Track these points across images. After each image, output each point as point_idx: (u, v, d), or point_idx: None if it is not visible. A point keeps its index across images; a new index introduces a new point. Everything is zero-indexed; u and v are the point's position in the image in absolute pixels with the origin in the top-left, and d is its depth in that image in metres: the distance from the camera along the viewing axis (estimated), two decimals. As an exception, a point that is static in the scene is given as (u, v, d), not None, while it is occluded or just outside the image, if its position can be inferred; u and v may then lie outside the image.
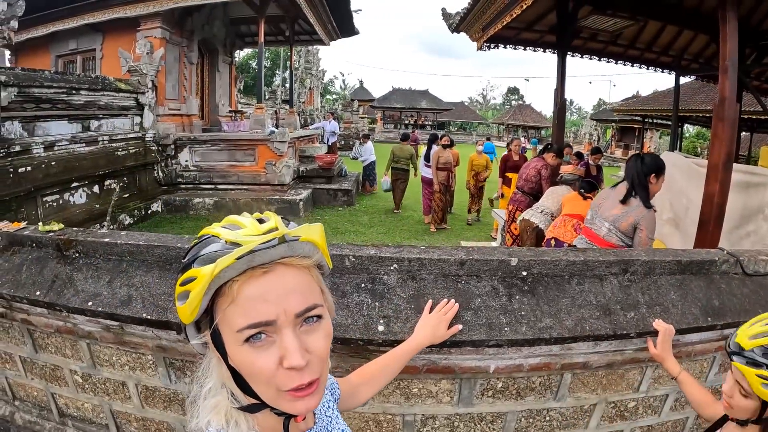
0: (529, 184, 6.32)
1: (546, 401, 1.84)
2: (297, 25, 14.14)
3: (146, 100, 9.84)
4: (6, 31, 6.26)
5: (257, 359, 0.67)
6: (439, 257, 1.67)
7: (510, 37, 7.32)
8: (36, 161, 7.07)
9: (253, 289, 0.67)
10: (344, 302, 1.68)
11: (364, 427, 1.94)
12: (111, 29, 11.03)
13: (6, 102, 6.47)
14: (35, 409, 2.74)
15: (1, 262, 2.51)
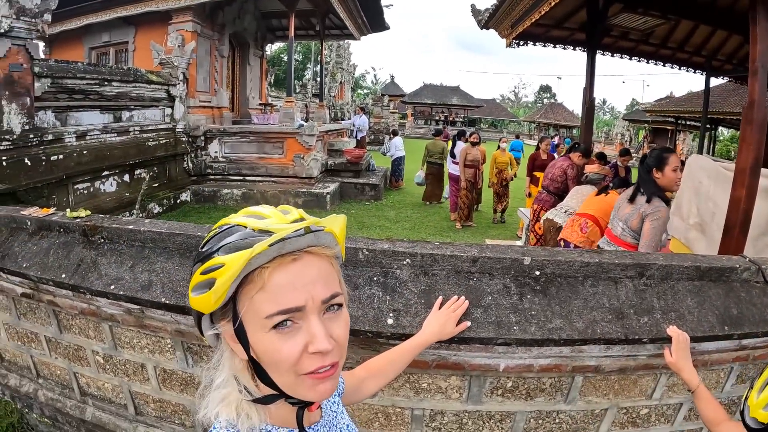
0: (554, 183, 6.24)
1: (556, 403, 1.83)
2: (328, 19, 14.19)
3: (177, 92, 10.03)
4: (40, 23, 6.42)
5: (284, 345, 0.69)
6: (452, 253, 1.67)
7: (539, 35, 7.24)
8: (68, 150, 7.27)
9: (282, 276, 0.69)
10: (356, 294, 1.70)
11: (373, 419, 1.96)
12: (143, 22, 11.26)
13: (40, 92, 6.67)
14: (58, 387, 2.84)
15: (29, 246, 2.61)
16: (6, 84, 6.20)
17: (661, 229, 2.95)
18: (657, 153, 3.11)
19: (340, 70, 26.30)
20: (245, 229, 0.70)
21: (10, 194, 6.21)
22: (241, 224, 0.72)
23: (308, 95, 22.89)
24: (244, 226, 0.71)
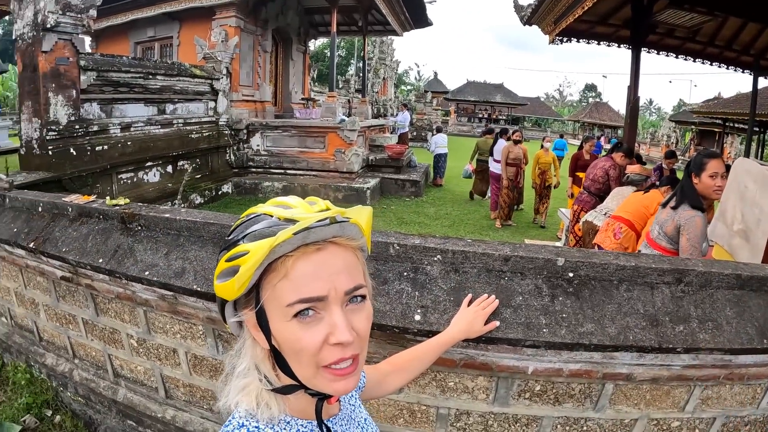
0: (596, 184, 6.07)
1: (585, 410, 1.79)
2: (370, 15, 14.23)
3: (220, 85, 10.25)
4: (85, 18, 6.64)
5: (304, 335, 0.69)
6: (484, 251, 1.65)
7: (583, 31, 7.11)
8: (113, 141, 7.52)
9: (306, 265, 0.69)
10: (384, 289, 1.70)
11: (397, 415, 1.95)
12: (187, 18, 11.55)
13: (85, 85, 6.91)
14: (92, 368, 2.93)
15: (70, 231, 2.71)
16: (52, 77, 6.44)
17: (698, 240, 2.84)
18: (697, 157, 3.00)
19: (384, 66, 26.28)
20: (271, 218, 0.71)
21: (56, 182, 6.45)
22: (267, 213, 0.72)
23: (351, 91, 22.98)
24: (270, 215, 0.71)
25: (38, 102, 6.42)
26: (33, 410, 3.17)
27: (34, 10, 6.18)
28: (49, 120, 6.41)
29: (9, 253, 3.16)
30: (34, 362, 3.32)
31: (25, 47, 6.42)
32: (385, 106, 23.31)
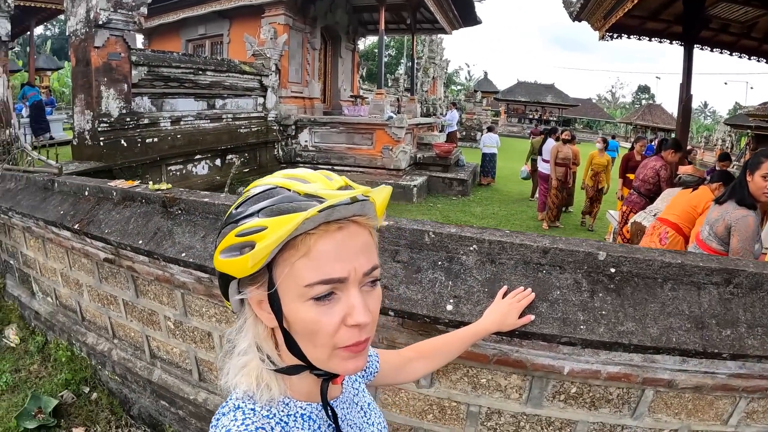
0: (645, 185, 5.85)
1: (622, 417, 1.71)
2: (419, 13, 14.30)
3: (269, 82, 10.51)
4: (136, 15, 6.93)
5: (322, 316, 0.67)
6: (522, 242, 1.61)
7: (634, 27, 6.93)
8: (163, 134, 7.79)
9: (328, 245, 0.66)
10: (417, 278, 1.68)
11: (427, 410, 1.93)
12: (237, 16, 11.95)
13: (137, 79, 7.19)
14: (130, 348, 3.04)
15: (113, 214, 2.82)
16: (105, 71, 6.72)
17: (749, 241, 2.69)
18: (756, 155, 2.85)
19: (433, 65, 26.25)
20: (288, 191, 0.67)
21: (106, 172, 6.72)
22: (283, 186, 0.68)
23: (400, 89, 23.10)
24: (287, 189, 0.68)
25: (90, 95, 6.71)
26: (71, 386, 3.30)
27: (87, 7, 6.48)
28: (100, 112, 6.69)
29: (56, 234, 3.31)
30: (75, 341, 3.46)
31: (78, 43, 6.73)
32: (434, 105, 23.32)
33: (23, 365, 3.68)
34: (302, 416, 0.76)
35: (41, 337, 3.88)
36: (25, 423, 3.05)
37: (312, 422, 0.77)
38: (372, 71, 25.42)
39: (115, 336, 3.14)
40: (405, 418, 1.99)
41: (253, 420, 0.69)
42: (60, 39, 41.06)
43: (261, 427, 0.69)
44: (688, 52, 6.41)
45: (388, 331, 1.83)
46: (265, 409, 0.72)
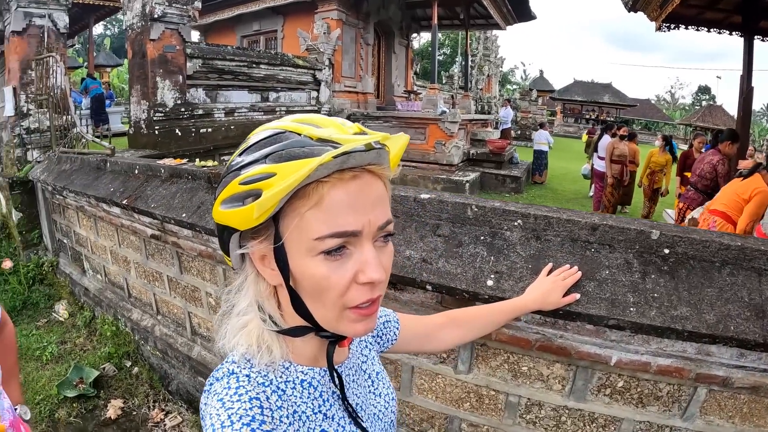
0: (703, 180, 5.58)
1: (671, 417, 1.61)
2: (472, 8, 14.27)
3: (323, 76, 10.71)
4: (191, 9, 7.21)
5: (333, 272, 0.62)
6: (569, 218, 1.55)
7: (691, 17, 6.67)
8: (216, 124, 8.06)
9: (342, 194, 0.61)
10: (458, 252, 1.64)
11: (464, 398, 1.89)
12: (291, 12, 12.29)
13: (191, 71, 7.46)
14: (173, 324, 3.13)
15: (160, 190, 2.91)
16: (160, 63, 7.00)
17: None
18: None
19: (488, 63, 26.04)
20: (299, 136, 0.62)
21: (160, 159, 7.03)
22: (292, 130, 0.63)
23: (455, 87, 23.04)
24: (297, 133, 0.63)
25: (146, 86, 6.99)
26: (113, 360, 3.44)
27: (143, 2, 6.78)
28: (156, 102, 6.96)
29: (106, 212, 3.46)
30: (121, 316, 3.60)
31: (135, 36, 7.05)
32: (489, 103, 23.15)
33: (69, 338, 3.87)
34: (302, 382, 0.72)
35: (89, 312, 4.06)
36: (65, 391, 3.21)
37: (313, 389, 0.73)
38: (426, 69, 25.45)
39: (159, 312, 3.25)
40: (440, 405, 1.96)
41: (247, 389, 0.65)
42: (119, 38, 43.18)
43: (255, 397, 0.65)
44: (748, 43, 6.24)
45: (426, 310, 1.80)
46: (260, 376, 0.68)
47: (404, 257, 1.69)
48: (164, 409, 3.08)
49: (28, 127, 5.95)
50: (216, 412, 0.62)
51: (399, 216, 1.86)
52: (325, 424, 0.73)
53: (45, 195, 5.02)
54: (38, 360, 3.67)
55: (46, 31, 5.96)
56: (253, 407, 0.63)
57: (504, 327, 1.65)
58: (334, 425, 0.74)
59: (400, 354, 1.97)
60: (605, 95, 42.40)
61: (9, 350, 1.28)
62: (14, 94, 5.94)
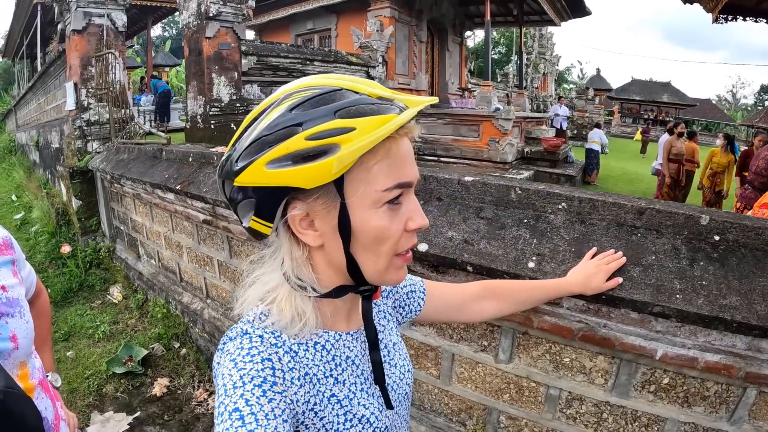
0: (759, 177, 5.34)
1: (717, 419, 1.57)
2: (526, 4, 14.20)
3: (376, 73, 10.91)
4: (245, 8, 7.51)
5: (392, 221, 0.67)
6: (615, 201, 1.55)
7: (750, 7, 6.36)
8: (271, 119, 8.40)
9: (401, 149, 0.67)
10: (500, 234, 1.67)
11: (503, 389, 1.91)
12: (344, 10, 12.58)
13: (246, 68, 7.75)
14: (221, 308, 3.28)
15: (213, 176, 3.05)
16: (216, 60, 7.32)
17: None
18: None
19: (543, 61, 25.72)
20: (358, 94, 0.65)
21: (214, 148, 7.37)
22: (349, 88, 0.66)
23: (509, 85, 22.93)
24: (354, 91, 0.66)
25: (203, 82, 7.32)
26: (162, 340, 3.64)
27: (198, 1, 7.12)
28: (212, 98, 7.27)
29: (161, 199, 3.66)
30: (172, 299, 3.80)
31: (191, 34, 7.40)
32: (545, 102, 22.90)
33: (122, 318, 4.11)
34: (315, 345, 0.74)
35: (142, 295, 4.30)
36: (114, 368, 3.42)
37: (326, 352, 0.75)
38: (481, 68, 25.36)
39: (209, 296, 3.41)
40: (479, 395, 1.98)
41: (259, 349, 0.67)
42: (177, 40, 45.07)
43: (268, 358, 0.66)
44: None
45: (467, 295, 1.85)
46: (273, 336, 0.69)
47: (446, 238, 1.74)
48: (208, 390, 3.23)
49: (88, 120, 6.34)
50: (228, 372, 0.64)
51: (443, 198, 1.91)
52: (336, 389, 0.75)
53: (104, 184, 5.35)
54: (90, 338, 3.92)
55: (105, 30, 6.35)
56: (264, 368, 0.65)
57: (546, 315, 1.67)
58: (345, 390, 0.76)
59: (442, 341, 2.02)
60: (664, 95, 40.85)
61: (43, 317, 1.37)
62: (75, 89, 6.34)
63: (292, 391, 0.67)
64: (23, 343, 1.09)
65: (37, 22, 12.73)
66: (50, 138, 9.34)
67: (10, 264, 1.17)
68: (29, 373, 1.15)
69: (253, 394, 0.61)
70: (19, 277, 1.19)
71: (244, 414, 0.59)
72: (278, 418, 0.62)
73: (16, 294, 1.13)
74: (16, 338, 1.08)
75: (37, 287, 1.38)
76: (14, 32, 18.00)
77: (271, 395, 0.63)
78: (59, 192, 7.07)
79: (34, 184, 9.79)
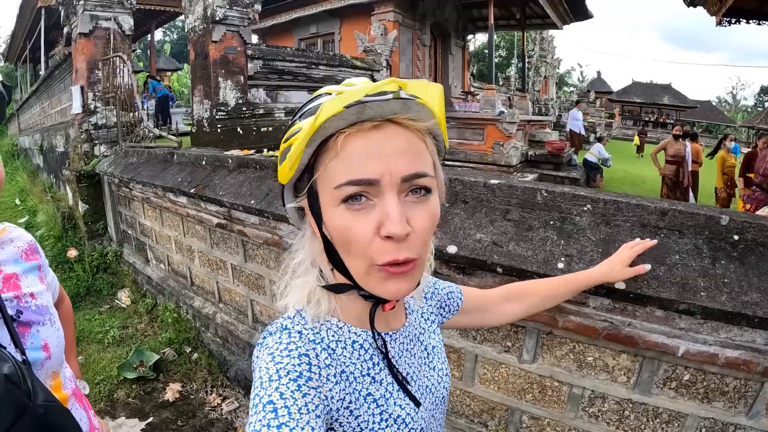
0: (767, 180, 5.44)
1: (736, 414, 1.64)
2: (528, 8, 14.45)
3: (380, 77, 10.97)
4: (251, 12, 7.63)
5: (354, 223, 0.65)
6: (638, 203, 1.64)
7: (753, 10, 6.43)
8: (277, 123, 8.44)
9: (359, 144, 0.64)
10: (528, 236, 1.75)
11: (527, 389, 1.98)
12: (347, 14, 12.81)
13: (252, 72, 7.87)
14: (234, 312, 3.35)
15: (228, 180, 3.15)
16: (222, 63, 7.43)
17: None
18: None
19: (544, 64, 26.06)
20: (329, 95, 0.67)
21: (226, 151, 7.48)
22: (329, 91, 0.69)
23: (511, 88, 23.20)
24: (328, 93, 0.69)
25: (209, 85, 7.43)
26: (174, 345, 3.71)
27: (204, 5, 7.23)
28: (218, 101, 7.38)
29: (173, 202, 3.74)
30: (183, 304, 3.87)
31: (197, 38, 7.51)
32: (546, 105, 23.15)
33: (131, 323, 4.18)
34: (353, 343, 0.76)
35: (151, 300, 4.37)
36: (125, 373, 3.48)
37: (363, 351, 0.77)
38: (482, 71, 25.65)
39: (221, 300, 3.49)
40: (502, 396, 2.05)
41: (297, 345, 0.69)
42: (178, 44, 45.48)
43: (305, 354, 0.69)
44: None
45: (494, 296, 1.92)
46: (312, 333, 0.73)
47: (474, 240, 1.83)
48: (222, 394, 3.30)
49: (95, 123, 6.45)
50: (265, 365, 0.67)
51: (468, 201, 2.00)
52: (372, 388, 0.76)
53: (111, 188, 5.43)
54: (100, 343, 3.98)
55: (111, 33, 6.47)
56: (301, 363, 0.67)
57: (572, 315, 1.74)
58: (381, 389, 0.77)
59: (465, 342, 2.10)
60: (665, 96, 41.08)
61: (68, 324, 1.36)
62: (82, 92, 6.46)
63: (327, 388, 0.69)
64: (55, 352, 1.09)
65: (41, 26, 12.92)
66: (55, 142, 9.45)
67: (36, 270, 1.17)
68: (62, 384, 1.14)
69: (288, 388, 0.64)
70: (45, 283, 1.19)
71: (277, 407, 0.61)
72: (311, 413, 0.63)
73: (45, 301, 1.13)
74: (48, 347, 1.07)
75: (60, 293, 1.38)
76: (17, 36, 18.24)
77: (306, 390, 0.65)
78: (65, 196, 7.17)
79: (39, 188, 9.90)
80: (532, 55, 25.25)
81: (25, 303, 1.07)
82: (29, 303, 1.08)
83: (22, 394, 0.82)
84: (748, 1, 5.77)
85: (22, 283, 1.11)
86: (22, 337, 1.02)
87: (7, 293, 1.05)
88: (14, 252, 1.14)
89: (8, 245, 1.11)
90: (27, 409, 0.81)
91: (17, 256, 1.14)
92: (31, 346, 1.03)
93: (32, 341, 1.04)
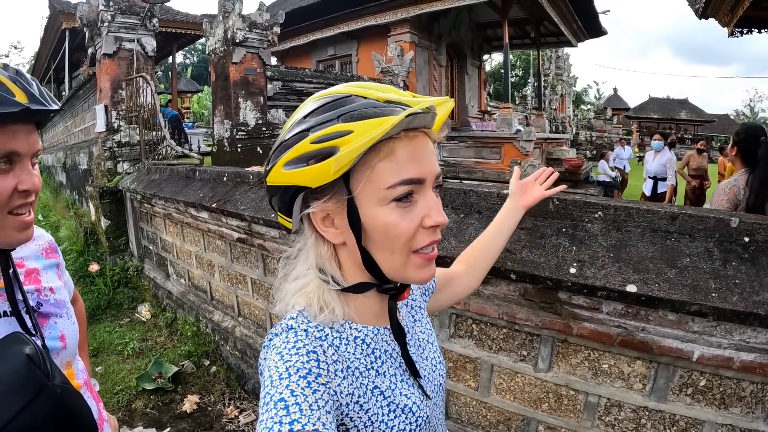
0: None
1: (754, 420, 1.64)
2: (542, 26, 14.72)
3: None
4: (270, 34, 7.88)
5: (402, 218, 0.71)
6: (648, 208, 1.68)
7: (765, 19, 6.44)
8: (296, 143, 8.70)
9: (407, 148, 0.71)
10: (541, 242, 1.81)
11: (542, 398, 2.00)
12: (364, 36, 13.12)
13: (272, 93, 8.09)
14: (253, 325, 3.43)
15: (249, 195, 3.26)
16: (242, 84, 7.66)
17: None
18: None
19: (561, 82, 26.24)
20: (365, 99, 0.71)
21: (247, 168, 7.66)
22: (358, 94, 0.72)
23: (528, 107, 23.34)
24: (363, 96, 0.72)
25: (229, 106, 7.65)
26: (192, 358, 3.79)
27: (224, 28, 7.52)
28: (238, 122, 7.59)
29: (194, 218, 3.86)
30: (202, 317, 3.96)
31: (217, 60, 7.79)
32: (563, 123, 23.23)
33: (150, 336, 4.29)
34: (356, 339, 0.80)
35: (171, 313, 4.48)
36: (144, 384, 3.57)
37: (366, 346, 0.81)
38: (499, 91, 25.82)
39: (240, 314, 3.57)
40: (518, 406, 2.07)
41: (305, 342, 0.72)
42: (198, 66, 46.65)
43: (313, 351, 0.71)
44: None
45: (508, 305, 1.96)
46: (317, 330, 0.75)
47: (488, 248, 1.89)
48: (239, 407, 3.36)
49: (119, 141, 6.66)
50: (275, 365, 0.69)
51: (482, 212, 2.07)
52: (378, 380, 0.80)
53: (133, 204, 5.60)
54: (119, 354, 4.10)
55: (135, 54, 6.72)
56: (310, 360, 0.70)
57: (586, 321, 1.78)
58: (387, 382, 0.81)
59: (481, 352, 2.14)
60: (682, 111, 40.80)
61: (81, 323, 1.42)
62: (105, 111, 6.69)
63: (336, 383, 0.72)
64: (70, 343, 1.18)
65: (65, 47, 13.37)
66: (78, 159, 9.73)
67: (55, 267, 1.26)
68: (74, 374, 1.22)
69: (298, 385, 0.66)
70: (63, 280, 1.29)
71: (289, 404, 0.63)
72: (322, 409, 0.65)
73: (62, 296, 1.23)
74: (65, 338, 1.15)
75: (74, 294, 1.46)
76: (42, 57, 18.88)
77: (316, 386, 0.67)
78: (87, 212, 7.39)
79: (61, 204, 10.18)
80: (548, 73, 25.47)
81: (45, 296, 1.16)
82: (48, 297, 1.17)
83: (41, 374, 0.89)
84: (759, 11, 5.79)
85: (42, 278, 1.19)
86: (42, 327, 1.11)
87: (29, 286, 1.13)
88: (36, 249, 1.22)
89: (31, 243, 1.17)
90: (46, 387, 0.88)
91: (38, 253, 1.23)
92: (49, 336, 1.12)
93: (50, 331, 1.13)
